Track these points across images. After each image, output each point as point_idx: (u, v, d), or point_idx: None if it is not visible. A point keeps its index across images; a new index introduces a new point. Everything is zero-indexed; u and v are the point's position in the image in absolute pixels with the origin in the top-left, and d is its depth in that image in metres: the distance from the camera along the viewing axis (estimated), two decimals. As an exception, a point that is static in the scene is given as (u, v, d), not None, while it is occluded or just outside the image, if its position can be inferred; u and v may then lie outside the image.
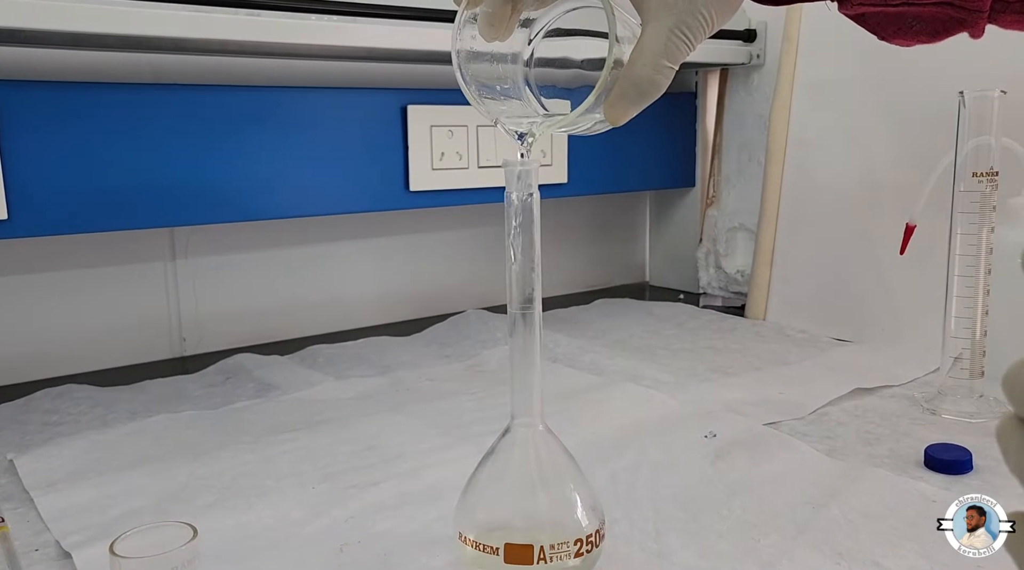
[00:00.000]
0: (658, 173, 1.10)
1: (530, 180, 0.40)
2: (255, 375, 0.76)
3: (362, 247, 0.97)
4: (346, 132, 0.85)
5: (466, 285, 1.04)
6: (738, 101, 1.03)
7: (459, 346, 0.86)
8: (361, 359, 0.82)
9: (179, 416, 0.66)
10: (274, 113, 0.81)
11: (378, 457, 0.57)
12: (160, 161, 0.75)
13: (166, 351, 0.86)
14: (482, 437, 0.59)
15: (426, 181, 0.89)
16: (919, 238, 0.71)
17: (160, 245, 0.85)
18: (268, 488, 0.52)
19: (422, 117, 0.88)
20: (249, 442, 0.60)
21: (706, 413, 0.63)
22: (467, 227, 1.05)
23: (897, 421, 0.62)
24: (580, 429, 0.59)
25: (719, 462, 0.55)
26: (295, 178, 0.82)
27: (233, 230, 0.88)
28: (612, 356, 0.80)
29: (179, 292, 0.86)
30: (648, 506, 0.49)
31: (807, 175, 0.90)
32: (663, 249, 1.19)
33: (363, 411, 0.66)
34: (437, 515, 0.48)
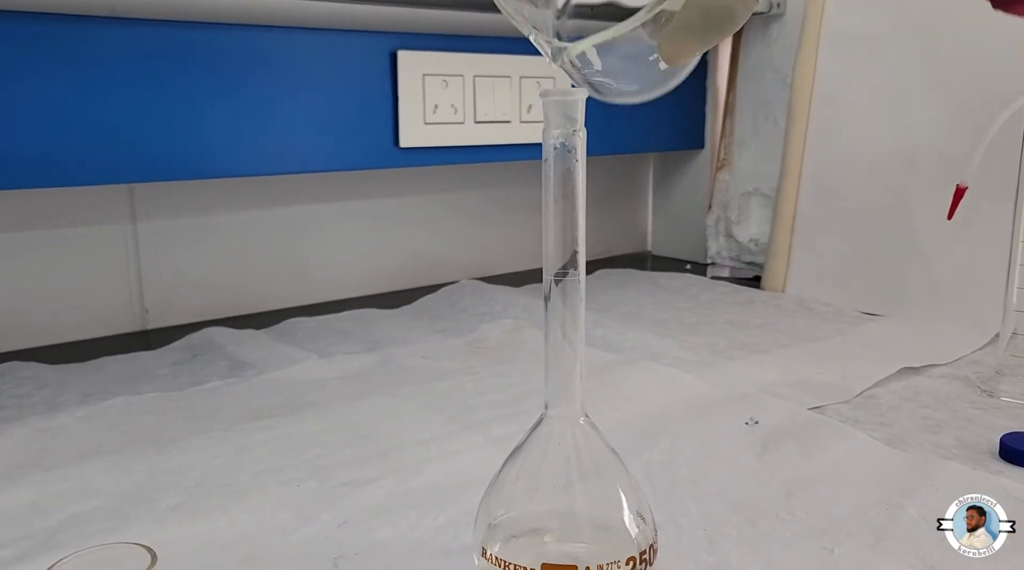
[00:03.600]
0: (663, 134, 1.02)
1: (575, 113, 0.32)
2: (227, 351, 0.68)
3: (346, 209, 0.89)
4: (329, 80, 0.76)
5: (460, 253, 0.96)
6: (755, 55, 0.95)
7: (454, 320, 0.78)
8: (346, 334, 0.74)
9: (140, 399, 0.57)
10: (248, 56, 0.72)
11: (373, 448, 0.49)
12: (117, 108, 0.66)
13: (127, 324, 0.77)
14: (489, 424, 0.52)
15: (417, 137, 0.81)
16: (965, 202, 0.64)
17: (118, 205, 0.75)
18: (244, 486, 0.44)
19: (414, 65, 0.79)
20: (221, 430, 0.52)
21: (740, 396, 0.56)
22: (462, 189, 0.96)
23: (955, 405, 0.56)
24: (601, 415, 0.51)
25: (766, 454, 0.48)
26: (271, 131, 0.74)
27: (201, 188, 0.79)
28: (624, 331, 0.72)
29: (140, 258, 0.77)
30: (694, 508, 0.42)
31: (834, 136, 0.83)
32: (668, 216, 1.11)
33: (352, 394, 0.58)
34: (447, 520, 0.41)
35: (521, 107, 0.86)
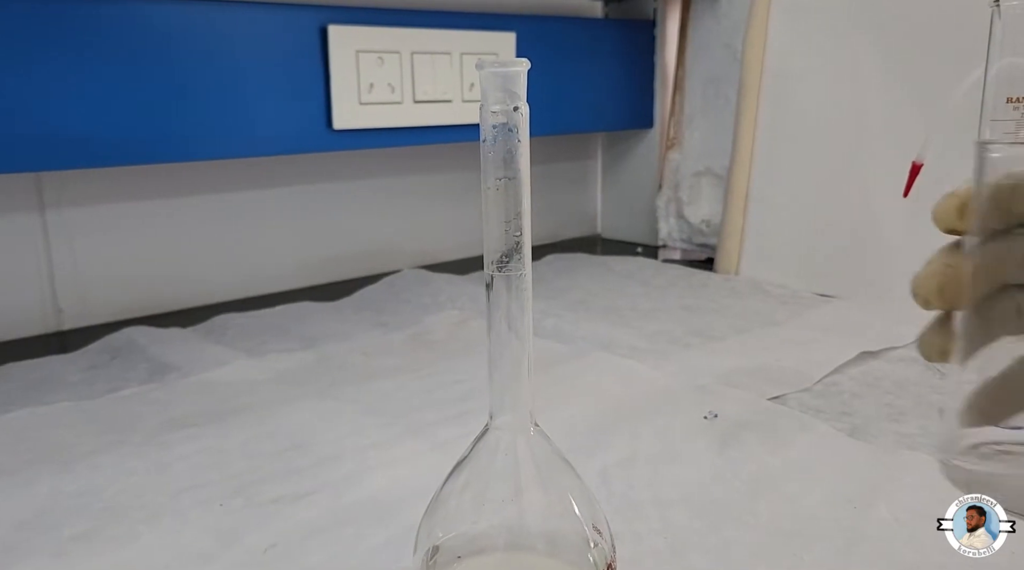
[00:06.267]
0: (611, 112, 0.99)
1: (516, 86, 0.28)
2: (148, 353, 0.63)
3: (278, 196, 0.83)
4: (254, 58, 0.70)
5: (401, 240, 0.92)
6: (704, 29, 0.92)
7: (397, 312, 0.74)
8: (280, 330, 0.69)
9: (48, 410, 0.52)
10: (164, 33, 0.66)
11: (306, 458, 0.45)
12: (19, 88, 0.60)
13: (38, 325, 0.71)
14: (435, 427, 0.48)
15: (352, 118, 0.76)
16: (922, 179, 0.62)
17: (23, 192, 0.69)
18: (161, 508, 0.40)
19: (346, 40, 0.74)
20: (137, 443, 0.47)
21: (698, 387, 0.54)
22: (401, 173, 0.91)
23: (916, 390, 0.54)
24: (555, 412, 0.49)
25: (728, 450, 0.45)
26: (193, 113, 0.68)
27: (118, 175, 0.73)
28: (576, 320, 0.69)
29: (51, 251, 0.71)
30: (654, 514, 0.39)
31: (787, 111, 0.81)
32: (617, 198, 1.08)
33: (284, 397, 0.53)
34: (387, 537, 0.37)
35: (463, 85, 0.82)
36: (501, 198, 0.28)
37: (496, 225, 0.28)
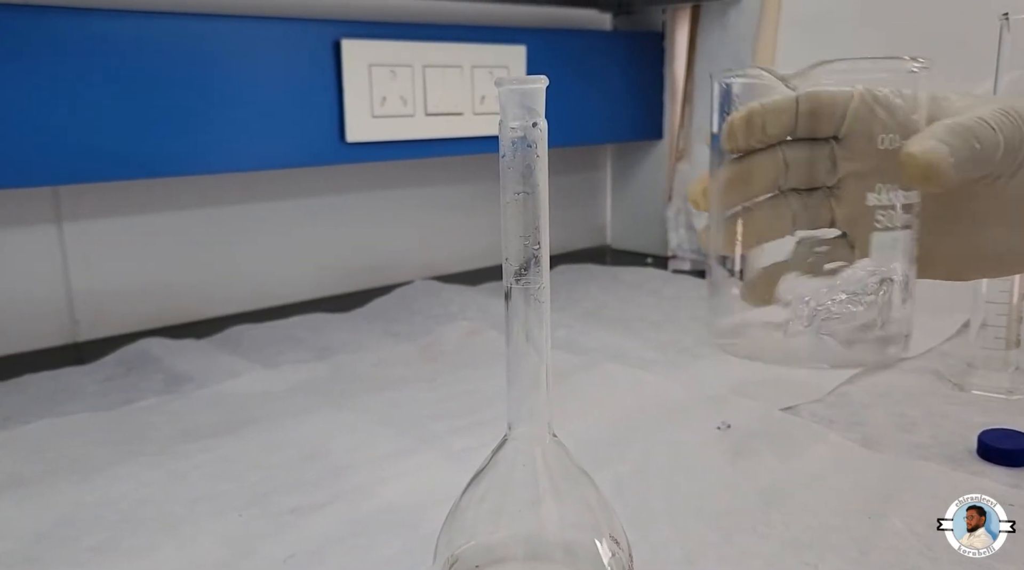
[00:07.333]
0: (620, 124, 0.99)
1: (535, 103, 0.28)
2: (164, 364, 0.63)
3: (291, 208, 0.84)
4: (268, 72, 0.71)
5: (413, 252, 0.92)
6: (712, 42, 0.93)
7: (409, 323, 0.74)
8: (294, 341, 0.69)
9: (66, 420, 0.53)
10: (180, 48, 0.67)
11: (321, 469, 0.45)
12: (38, 104, 0.61)
13: (54, 337, 0.72)
14: (448, 438, 0.49)
15: (365, 131, 0.76)
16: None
17: (41, 205, 0.70)
18: (178, 518, 0.40)
19: (359, 54, 0.75)
20: (154, 453, 0.47)
21: (711, 398, 0.54)
22: (413, 185, 0.92)
23: (928, 401, 0.54)
24: (569, 424, 0.49)
25: (740, 460, 0.45)
26: (208, 126, 0.69)
27: (134, 188, 0.74)
28: (588, 330, 0.69)
29: (68, 264, 0.72)
30: (668, 523, 0.39)
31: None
32: (627, 209, 1.09)
33: (299, 408, 0.54)
34: (403, 547, 0.37)
35: (474, 98, 0.83)
36: (519, 212, 0.28)
37: (514, 238, 0.29)
